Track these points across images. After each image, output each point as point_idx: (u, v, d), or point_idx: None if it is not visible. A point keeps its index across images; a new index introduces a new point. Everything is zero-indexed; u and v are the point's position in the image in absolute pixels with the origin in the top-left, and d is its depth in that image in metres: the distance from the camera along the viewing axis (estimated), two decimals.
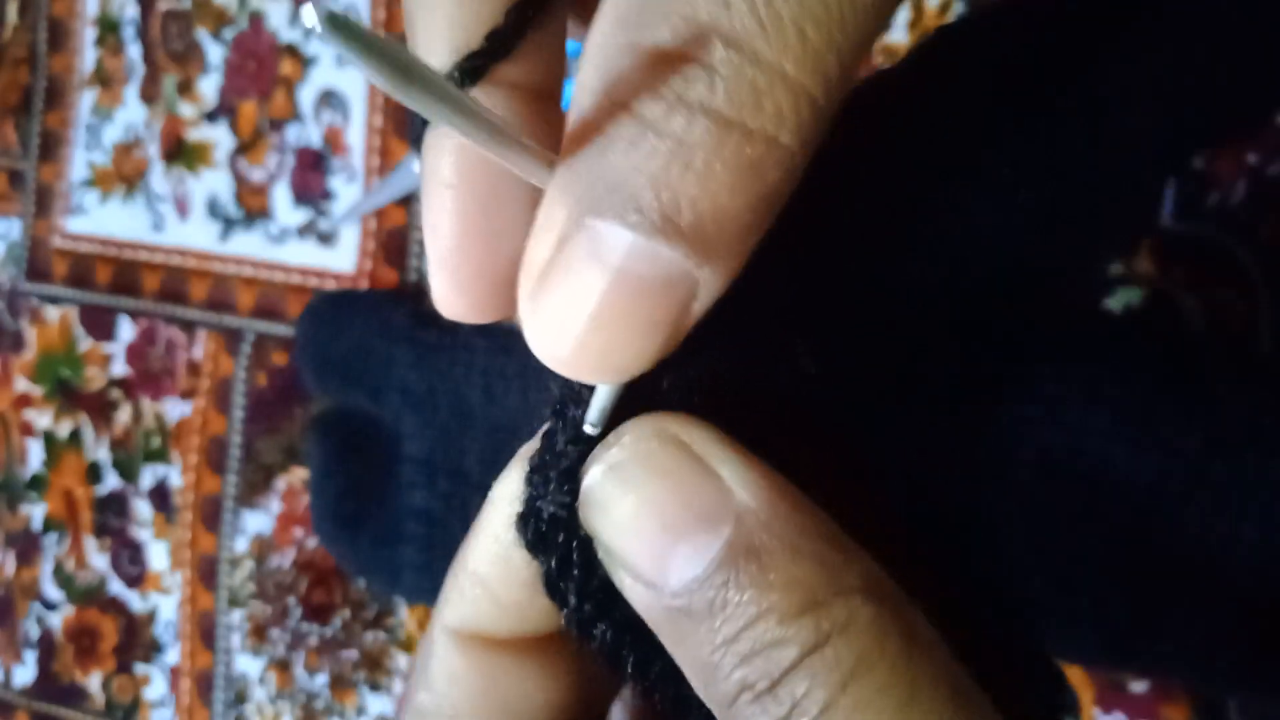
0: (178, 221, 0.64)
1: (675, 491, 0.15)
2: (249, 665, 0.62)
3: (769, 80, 0.13)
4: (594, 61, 0.14)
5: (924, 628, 0.15)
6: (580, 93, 0.14)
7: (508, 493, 0.18)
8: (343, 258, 0.60)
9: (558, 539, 0.16)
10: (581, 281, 0.14)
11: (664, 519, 0.15)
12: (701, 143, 0.13)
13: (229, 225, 0.63)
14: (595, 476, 0.16)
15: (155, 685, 0.65)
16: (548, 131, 0.17)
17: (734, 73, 0.13)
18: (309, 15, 0.11)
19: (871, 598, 0.14)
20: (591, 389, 0.16)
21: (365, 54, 0.11)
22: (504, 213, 0.17)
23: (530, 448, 0.17)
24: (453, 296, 0.17)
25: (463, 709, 0.18)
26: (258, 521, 0.62)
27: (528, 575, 0.17)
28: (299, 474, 0.61)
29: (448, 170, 0.17)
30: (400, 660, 0.59)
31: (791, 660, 0.14)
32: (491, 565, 0.18)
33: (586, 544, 0.16)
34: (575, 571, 0.16)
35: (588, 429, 0.16)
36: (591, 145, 0.14)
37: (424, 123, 0.17)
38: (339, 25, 0.11)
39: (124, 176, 0.65)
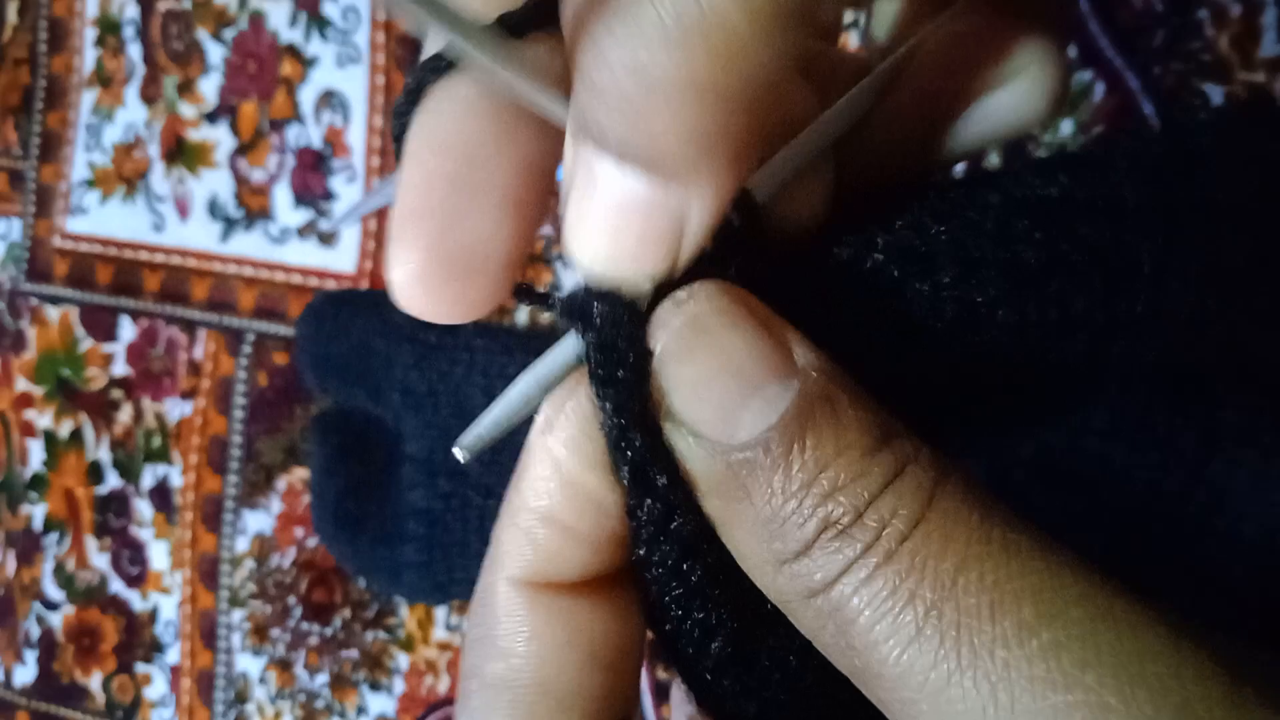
0: (178, 222, 0.64)
1: (749, 343, 0.15)
2: (249, 665, 0.62)
3: (679, 11, 0.13)
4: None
5: (958, 478, 0.16)
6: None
7: (560, 417, 0.17)
8: (343, 258, 0.60)
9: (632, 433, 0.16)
10: (582, 199, 0.15)
11: (738, 369, 0.15)
12: (630, 73, 0.14)
13: (229, 225, 0.63)
14: (674, 325, 0.16)
15: (156, 685, 0.65)
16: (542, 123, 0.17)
17: (657, 11, 0.13)
18: None
19: (925, 443, 0.15)
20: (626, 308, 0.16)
21: None
22: (478, 172, 0.17)
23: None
24: (417, 284, 0.17)
25: (549, 666, 0.17)
26: (258, 521, 0.62)
27: (598, 492, 0.17)
28: (299, 474, 0.61)
29: (431, 143, 0.17)
30: (400, 660, 0.59)
31: (878, 487, 0.15)
32: (556, 495, 0.17)
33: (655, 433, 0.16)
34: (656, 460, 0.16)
35: (457, 452, 0.16)
36: (581, 76, 0.15)
37: (408, 105, 0.17)
38: None
39: (124, 177, 0.65)
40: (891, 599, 0.14)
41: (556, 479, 0.17)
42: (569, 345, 0.17)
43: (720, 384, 0.15)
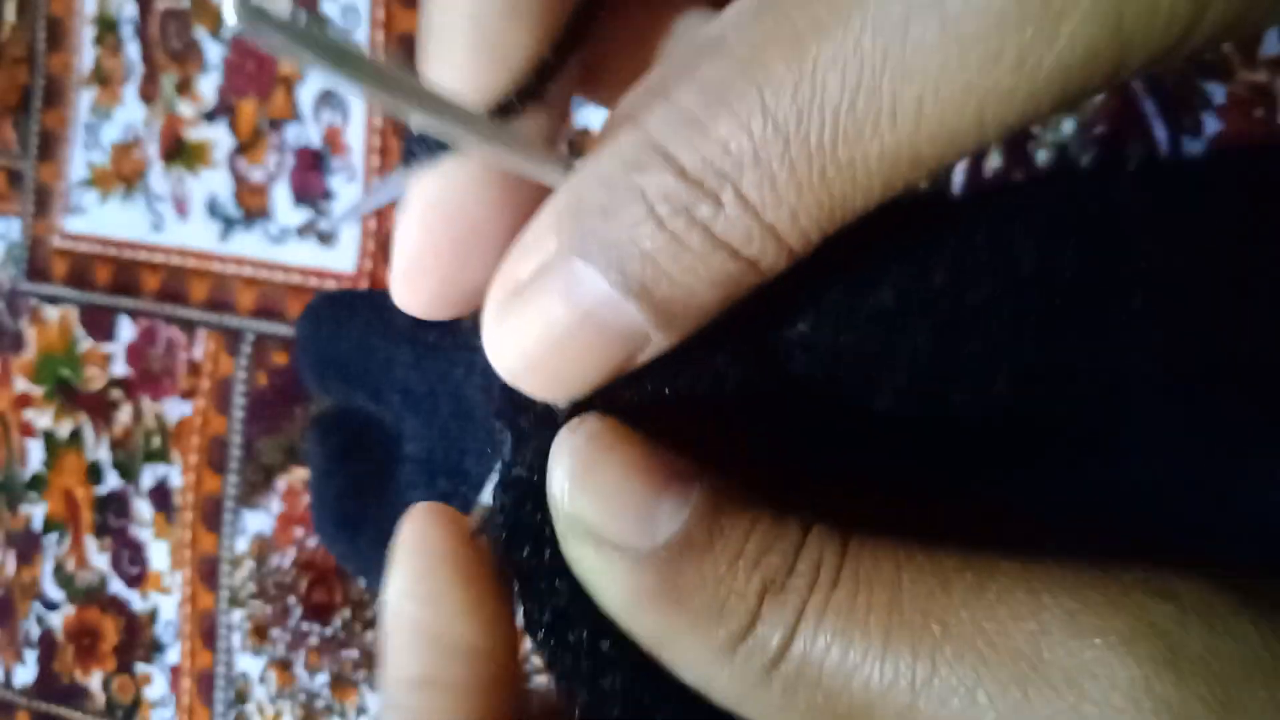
0: (177, 221, 0.64)
1: (646, 452, 0.16)
2: (249, 665, 0.62)
3: (761, 231, 0.15)
4: (614, 141, 0.16)
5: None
6: (613, 123, 0.16)
7: (410, 582, 0.18)
8: (343, 258, 0.60)
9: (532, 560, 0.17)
10: (551, 310, 0.16)
11: (644, 473, 0.16)
12: (694, 247, 0.15)
13: (229, 225, 0.63)
14: (575, 446, 0.16)
15: (156, 685, 0.65)
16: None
17: (736, 214, 0.15)
18: (228, 11, 0.11)
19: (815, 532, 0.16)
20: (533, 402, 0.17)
21: (295, 41, 0.11)
22: (478, 235, 0.18)
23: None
24: (410, 300, 0.19)
25: None
26: (258, 521, 0.62)
27: (472, 643, 0.17)
28: (299, 474, 0.61)
29: (432, 191, 0.18)
30: None
31: (798, 539, 0.15)
32: (425, 657, 0.17)
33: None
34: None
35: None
36: (601, 196, 0.15)
37: (413, 156, 0.18)
38: (259, 15, 0.11)
39: (123, 176, 0.65)
40: (851, 622, 0.15)
41: (419, 639, 0.17)
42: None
43: (630, 490, 0.16)
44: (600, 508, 0.16)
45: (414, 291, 0.19)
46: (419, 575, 0.18)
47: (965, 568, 0.15)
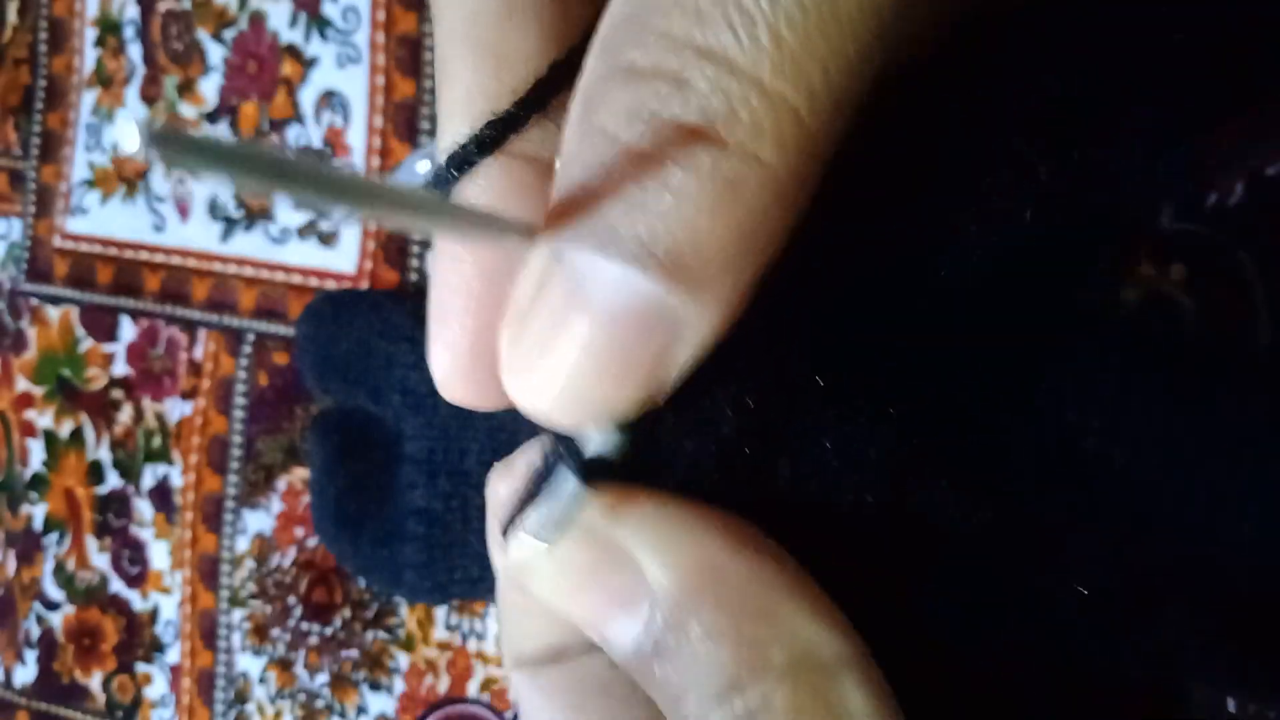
0: (178, 222, 0.64)
1: (589, 585, 0.15)
2: (250, 664, 0.62)
3: (743, 89, 0.12)
4: (576, 95, 0.14)
5: (854, 701, 0.14)
6: (566, 129, 0.14)
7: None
8: (344, 258, 0.60)
9: None
10: (561, 320, 0.13)
11: (585, 606, 0.15)
12: (674, 160, 0.12)
13: (230, 226, 0.63)
14: (516, 563, 0.15)
15: (156, 684, 0.65)
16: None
17: (706, 83, 0.12)
18: (127, 137, 0.09)
19: (789, 678, 0.14)
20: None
21: (209, 163, 0.10)
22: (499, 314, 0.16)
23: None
24: (458, 385, 0.17)
25: None
26: (258, 521, 0.62)
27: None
28: (300, 474, 0.61)
29: (466, 268, 0.16)
30: (401, 659, 0.59)
31: None
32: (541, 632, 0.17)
33: None
34: None
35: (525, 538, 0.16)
36: (568, 177, 0.13)
37: (444, 181, 0.17)
38: (168, 140, 0.10)
39: (125, 177, 0.65)
40: None
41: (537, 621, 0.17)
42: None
43: (574, 613, 0.15)
44: (555, 599, 0.15)
45: (465, 389, 0.17)
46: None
47: None
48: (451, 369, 0.16)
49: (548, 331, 0.13)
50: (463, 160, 0.16)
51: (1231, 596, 0.32)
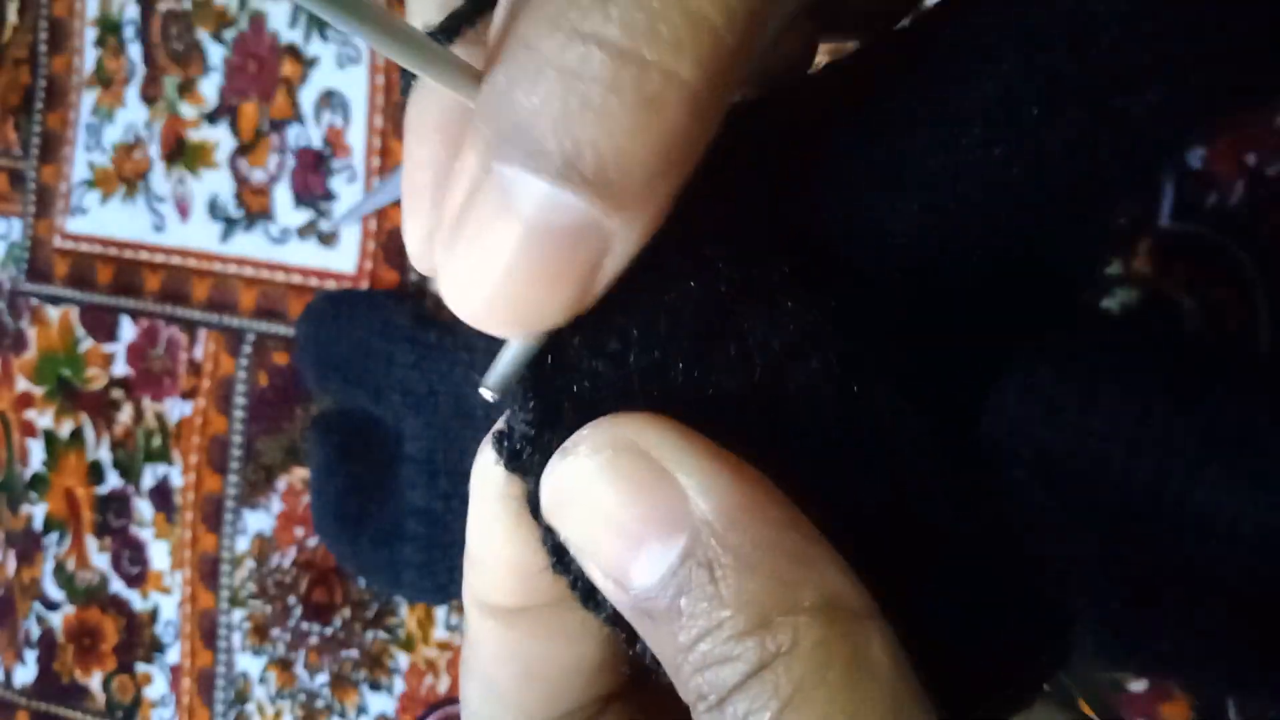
0: (179, 222, 0.64)
1: (632, 501, 0.15)
2: (250, 664, 0.62)
3: (663, 5, 0.12)
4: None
5: (877, 649, 0.14)
6: (496, 17, 0.14)
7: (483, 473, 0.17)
8: (344, 258, 0.60)
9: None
10: (490, 229, 0.14)
11: (622, 528, 0.15)
12: (597, 77, 0.12)
13: (230, 226, 0.63)
14: (555, 484, 0.15)
15: (156, 684, 0.65)
16: None
17: (629, 9, 0.12)
18: None
19: (820, 619, 0.14)
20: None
21: None
22: None
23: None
24: (429, 258, 0.17)
25: (495, 672, 0.18)
26: (258, 521, 0.62)
27: (512, 556, 0.17)
28: (300, 474, 0.61)
29: (429, 123, 0.17)
30: (401, 659, 0.59)
31: (737, 680, 0.14)
32: (484, 548, 0.18)
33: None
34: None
35: (484, 392, 0.16)
36: (496, 80, 0.13)
37: (410, 80, 0.17)
38: None
39: (125, 177, 0.65)
40: None
41: (481, 531, 0.18)
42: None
43: (604, 542, 0.15)
44: (581, 539, 0.15)
45: (424, 217, 0.17)
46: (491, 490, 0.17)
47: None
48: (423, 242, 0.17)
49: (479, 239, 0.14)
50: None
51: (1231, 597, 0.32)
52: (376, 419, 0.54)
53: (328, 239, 0.60)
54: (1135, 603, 0.32)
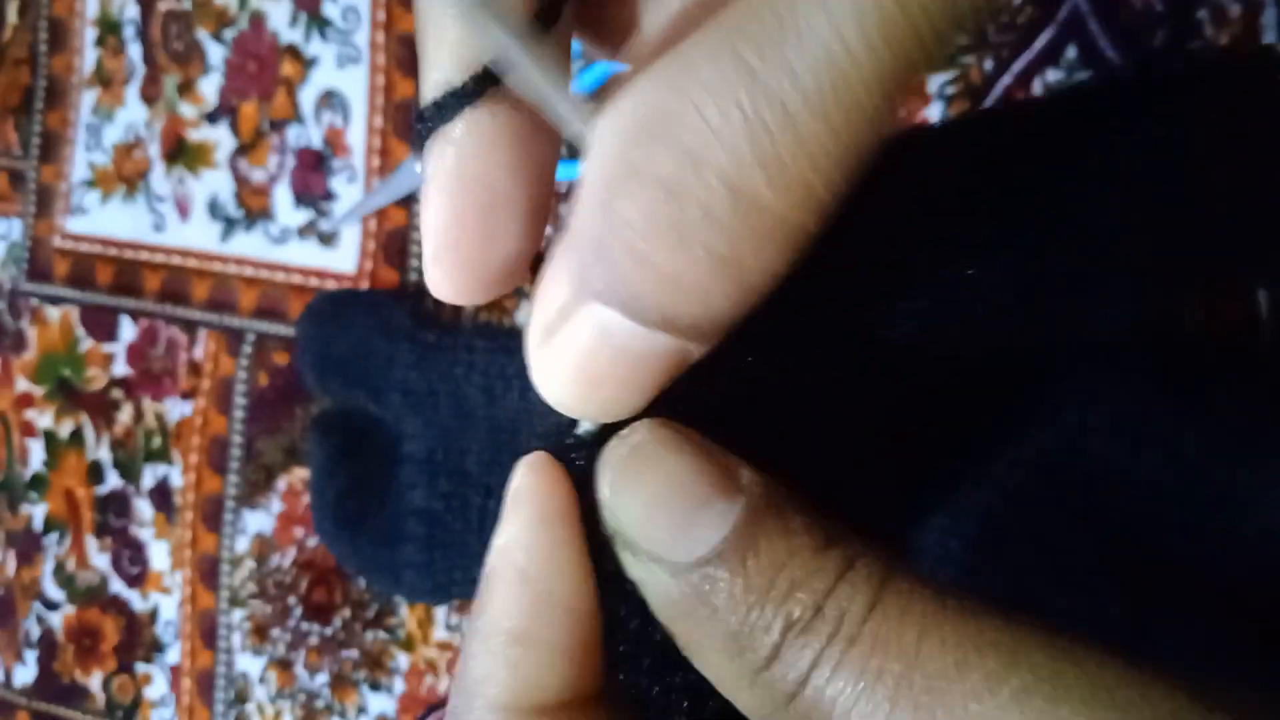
0: (178, 222, 0.64)
1: (692, 464, 0.16)
2: (250, 664, 0.62)
3: (760, 214, 0.14)
4: (593, 171, 0.15)
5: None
6: (582, 193, 0.16)
7: (520, 531, 0.17)
8: (344, 258, 0.60)
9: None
10: (581, 347, 0.16)
11: (685, 490, 0.16)
12: (696, 251, 0.14)
13: (230, 226, 0.63)
14: (617, 458, 0.17)
15: (156, 684, 0.65)
16: (545, 139, 0.18)
17: (727, 210, 0.14)
18: None
19: (869, 551, 0.16)
20: None
21: None
22: (501, 202, 0.18)
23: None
24: (445, 281, 0.18)
25: None
26: (258, 521, 0.62)
27: (568, 598, 0.17)
28: (300, 474, 0.61)
29: (451, 160, 0.18)
30: (401, 660, 0.59)
31: (832, 579, 0.15)
32: (526, 609, 0.17)
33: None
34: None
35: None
36: (592, 228, 0.15)
37: (425, 124, 0.17)
38: None
39: (124, 177, 0.65)
40: (862, 680, 0.14)
41: (524, 592, 0.17)
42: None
43: (669, 505, 0.16)
44: (638, 520, 0.16)
45: (449, 269, 0.18)
46: (532, 527, 0.17)
47: (989, 649, 0.14)
48: (450, 293, 0.18)
49: (570, 351, 0.16)
50: (450, 106, 0.17)
51: (1235, 597, 0.32)
52: (376, 419, 0.54)
53: (328, 239, 0.60)
54: (1136, 603, 0.32)
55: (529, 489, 0.17)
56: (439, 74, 0.17)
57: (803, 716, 0.15)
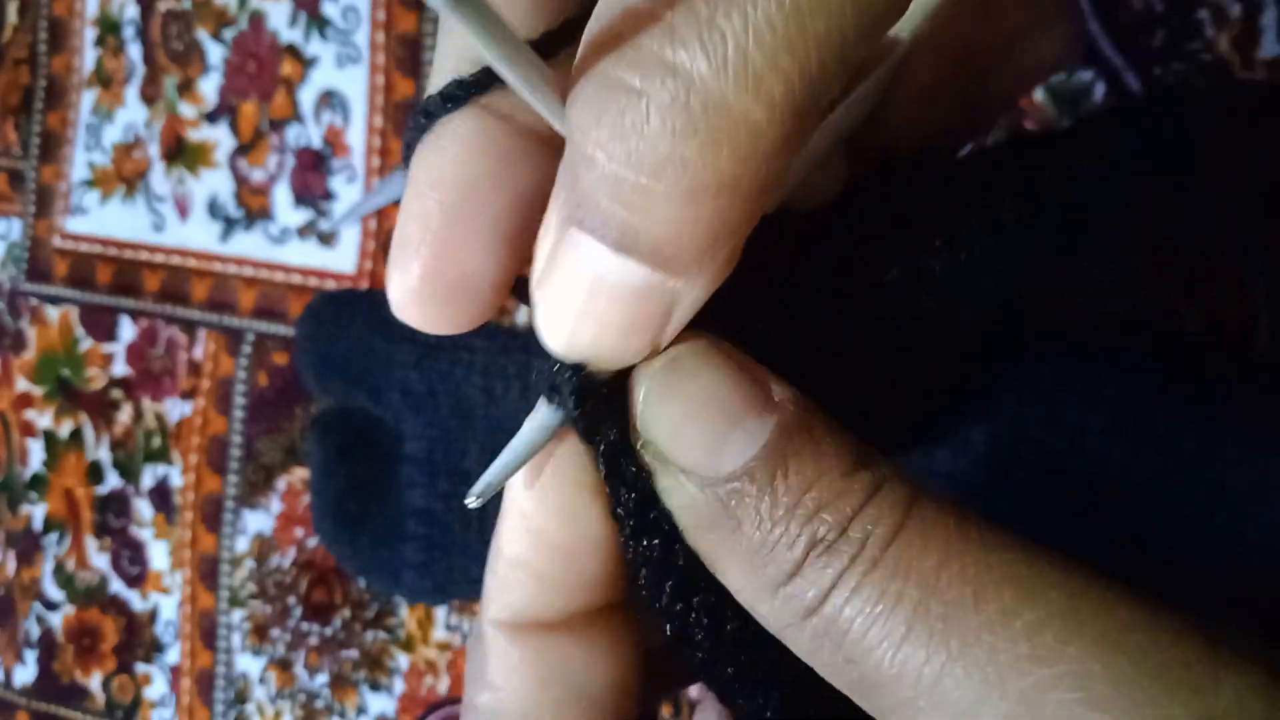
0: (178, 222, 0.64)
1: (727, 380, 0.16)
2: (249, 664, 0.62)
3: (703, 104, 0.13)
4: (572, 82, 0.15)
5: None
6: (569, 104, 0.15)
7: (530, 473, 0.18)
8: (343, 258, 0.60)
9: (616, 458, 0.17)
10: (567, 284, 0.15)
11: (720, 404, 0.16)
12: (647, 169, 0.14)
13: (229, 225, 0.63)
14: (655, 371, 0.17)
15: (156, 685, 0.65)
16: (534, 162, 0.18)
17: (669, 97, 0.13)
18: None
19: (890, 463, 0.16)
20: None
21: None
22: (475, 229, 0.18)
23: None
24: (412, 303, 0.18)
25: (529, 701, 0.18)
26: (258, 521, 0.62)
27: (564, 542, 0.18)
28: (299, 474, 0.61)
29: (432, 178, 0.18)
30: (401, 660, 0.59)
31: (859, 502, 0.15)
32: (525, 545, 0.18)
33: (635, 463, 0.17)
34: (633, 494, 0.17)
35: (469, 501, 0.17)
36: (573, 152, 0.15)
37: (416, 123, 0.18)
38: None
39: (124, 177, 0.65)
40: (881, 603, 0.15)
41: (525, 530, 0.18)
42: (547, 414, 0.17)
43: (703, 419, 0.16)
44: (671, 433, 0.16)
45: (415, 281, 0.18)
46: (535, 472, 0.18)
47: (1007, 583, 0.14)
48: (407, 294, 0.18)
49: (559, 288, 0.16)
50: (439, 107, 0.17)
51: (1235, 598, 0.32)
52: (376, 419, 0.54)
53: (327, 239, 0.60)
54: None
55: (529, 434, 0.18)
56: (438, 77, 0.18)
57: (820, 632, 0.15)
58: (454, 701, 0.59)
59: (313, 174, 0.61)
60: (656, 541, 0.17)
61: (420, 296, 0.18)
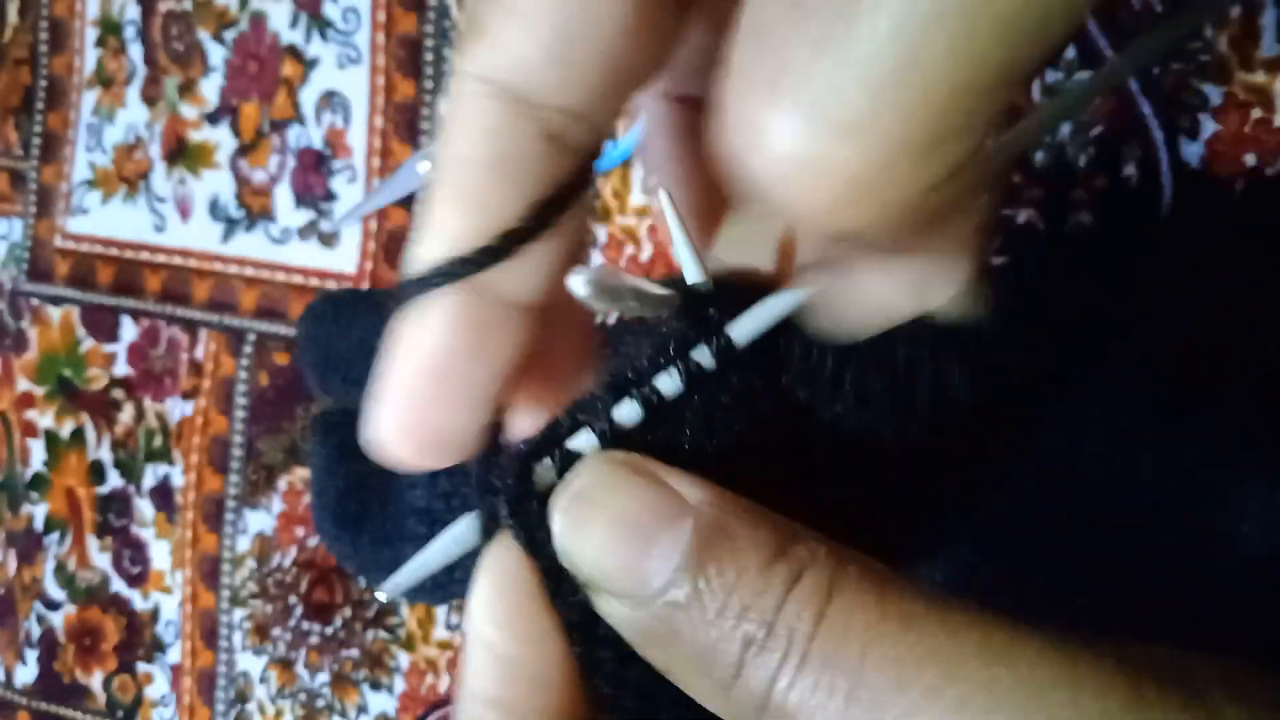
0: (179, 222, 0.64)
1: (637, 501, 0.17)
2: (250, 664, 0.63)
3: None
4: None
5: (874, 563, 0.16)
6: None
7: (486, 601, 0.18)
8: (344, 258, 0.60)
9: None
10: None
11: (633, 527, 0.16)
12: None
13: (231, 226, 0.63)
14: (564, 505, 0.17)
15: (157, 684, 0.65)
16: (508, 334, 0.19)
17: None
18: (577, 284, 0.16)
19: (824, 541, 0.16)
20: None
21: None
22: (456, 381, 0.19)
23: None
24: (390, 449, 0.19)
25: None
26: (259, 521, 0.62)
27: (534, 668, 0.18)
28: (300, 473, 0.61)
29: (419, 335, 0.19)
30: (401, 659, 0.59)
31: (779, 598, 0.16)
32: (495, 677, 0.18)
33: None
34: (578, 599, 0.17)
35: (379, 595, 0.19)
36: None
37: (404, 292, 0.19)
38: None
39: (125, 177, 0.65)
40: (816, 693, 0.15)
41: (492, 661, 0.18)
42: (467, 527, 0.18)
43: (618, 544, 0.16)
44: (591, 564, 0.17)
45: (402, 450, 0.19)
46: (492, 600, 0.18)
47: (929, 661, 0.15)
48: (392, 433, 0.19)
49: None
50: (425, 284, 0.19)
51: (1235, 598, 0.32)
52: None
53: (328, 239, 0.60)
54: (1137, 603, 0.32)
55: (496, 564, 0.19)
56: (427, 249, 0.19)
57: None
58: (454, 701, 0.59)
59: (314, 174, 0.61)
60: (609, 654, 0.17)
61: (398, 447, 0.19)
